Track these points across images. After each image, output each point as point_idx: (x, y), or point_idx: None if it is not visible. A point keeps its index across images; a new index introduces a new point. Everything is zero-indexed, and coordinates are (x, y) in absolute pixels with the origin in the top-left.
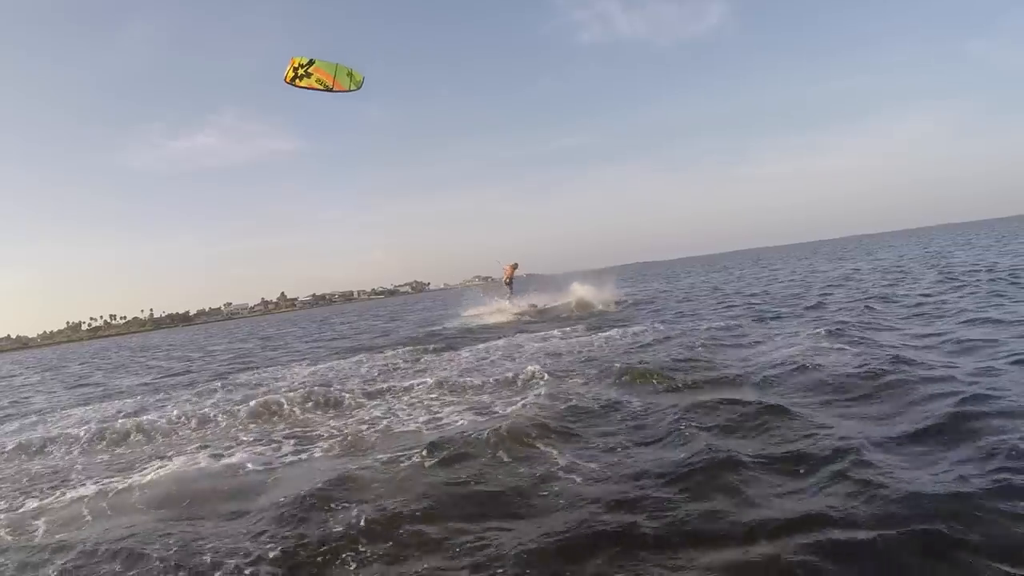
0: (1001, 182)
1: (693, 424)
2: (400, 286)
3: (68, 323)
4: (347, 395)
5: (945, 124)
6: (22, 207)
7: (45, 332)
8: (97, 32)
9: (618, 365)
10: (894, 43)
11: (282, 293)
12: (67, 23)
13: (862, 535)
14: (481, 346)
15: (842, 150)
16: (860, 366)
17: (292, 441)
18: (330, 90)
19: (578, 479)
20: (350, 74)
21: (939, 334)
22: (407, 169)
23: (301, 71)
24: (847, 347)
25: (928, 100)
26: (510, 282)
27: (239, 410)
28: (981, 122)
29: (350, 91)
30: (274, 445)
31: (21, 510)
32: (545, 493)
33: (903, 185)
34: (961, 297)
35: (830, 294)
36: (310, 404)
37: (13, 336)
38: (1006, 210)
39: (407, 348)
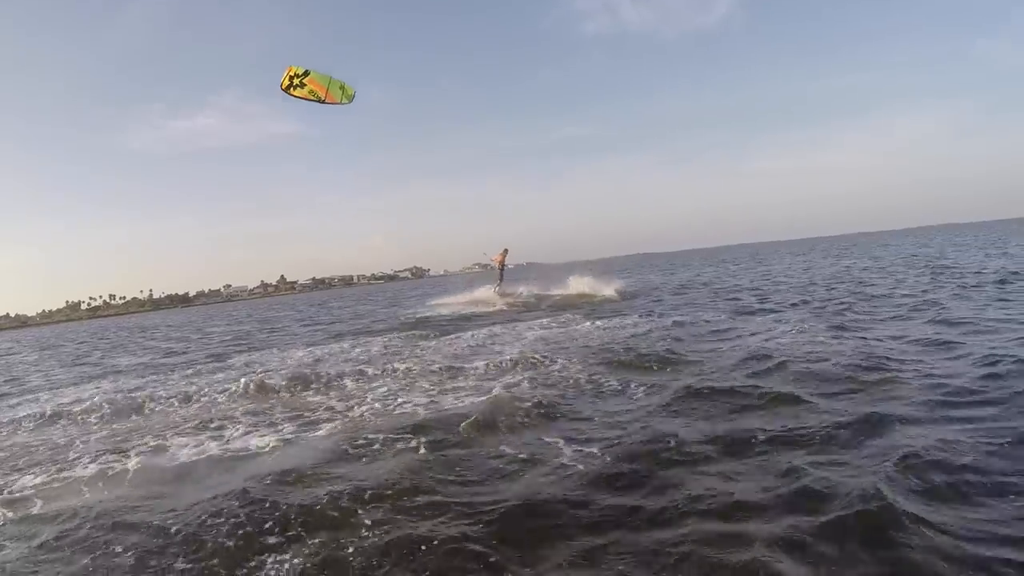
0: (1002, 183)
1: (682, 409)
2: (400, 271)
3: (67, 302)
4: (346, 378)
5: (948, 123)
6: (22, 185)
7: (44, 311)
8: (97, 11)
9: (614, 353)
10: (897, 41)
11: (282, 276)
12: (67, 3)
13: (812, 522)
14: (481, 332)
15: (844, 147)
16: (839, 362)
17: (288, 422)
18: (322, 101)
19: (574, 463)
20: (343, 87)
21: (918, 333)
22: (407, 155)
23: (296, 80)
24: (830, 342)
25: (930, 99)
26: (501, 269)
27: (236, 391)
28: (984, 122)
29: (341, 104)
30: (272, 426)
31: (18, 485)
32: (541, 477)
33: (904, 184)
34: (949, 298)
35: (819, 290)
36: (309, 389)
37: (12, 315)
38: (1009, 212)
39: (406, 332)
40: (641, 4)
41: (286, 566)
